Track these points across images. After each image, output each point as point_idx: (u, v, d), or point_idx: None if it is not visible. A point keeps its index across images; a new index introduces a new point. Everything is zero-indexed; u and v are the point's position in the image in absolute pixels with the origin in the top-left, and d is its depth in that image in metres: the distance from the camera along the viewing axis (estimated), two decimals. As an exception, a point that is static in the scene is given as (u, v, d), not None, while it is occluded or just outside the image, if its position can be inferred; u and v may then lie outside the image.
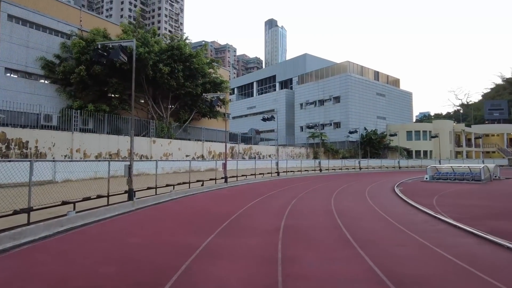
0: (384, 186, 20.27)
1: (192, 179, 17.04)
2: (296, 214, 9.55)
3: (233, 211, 9.95)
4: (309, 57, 67.97)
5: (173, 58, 27.79)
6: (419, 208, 10.72)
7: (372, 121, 58.91)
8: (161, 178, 16.91)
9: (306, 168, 32.48)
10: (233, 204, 11.64)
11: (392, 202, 12.83)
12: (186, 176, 18.28)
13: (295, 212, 9.99)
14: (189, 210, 10.52)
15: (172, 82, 27.85)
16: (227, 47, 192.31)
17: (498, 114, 68.31)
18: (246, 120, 72.17)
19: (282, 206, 11.28)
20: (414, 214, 9.86)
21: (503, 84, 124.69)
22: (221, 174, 19.18)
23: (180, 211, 10.25)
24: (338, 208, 10.86)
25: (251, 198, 13.14)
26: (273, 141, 48.26)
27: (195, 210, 10.52)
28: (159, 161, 18.92)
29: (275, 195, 14.72)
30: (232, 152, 36.03)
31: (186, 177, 17.09)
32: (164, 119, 30.58)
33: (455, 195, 15.27)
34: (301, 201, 12.66)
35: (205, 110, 33.63)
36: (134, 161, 19.92)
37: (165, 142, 28.63)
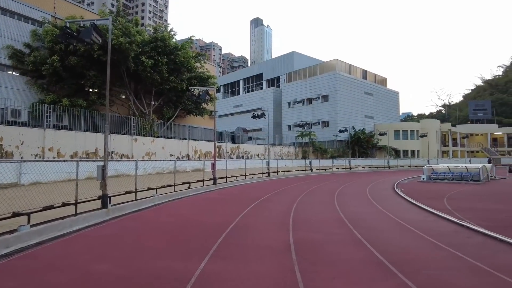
0: (382, 187, 19.13)
1: (178, 181, 15.35)
2: (303, 224, 8.09)
3: (228, 220, 8.40)
4: (296, 55, 66.87)
5: (156, 51, 25.89)
6: (437, 214, 9.45)
7: (360, 120, 58.34)
8: (143, 180, 15.18)
9: (296, 168, 31.17)
10: (226, 211, 10.08)
11: (401, 206, 11.56)
12: (170, 177, 16.61)
13: (301, 221, 8.52)
14: (175, 219, 8.88)
15: (156, 76, 25.96)
16: (212, 45, 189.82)
17: (482, 114, 69.14)
18: (233, 118, 70.47)
19: (283, 213, 9.81)
20: (436, 222, 8.57)
21: (483, 85, 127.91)
22: (209, 175, 17.56)
23: (164, 221, 8.60)
24: (347, 215, 9.47)
25: (245, 203, 11.61)
26: (261, 140, 46.86)
27: (182, 219, 8.89)
28: (140, 161, 17.14)
29: (271, 199, 13.23)
30: (219, 151, 34.37)
31: (170, 179, 15.41)
32: (146, 116, 28.62)
33: (464, 197, 14.19)
34: (302, 206, 11.22)
35: (190, 107, 31.82)
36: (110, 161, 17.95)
37: (148, 141, 26.75)
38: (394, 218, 8.96)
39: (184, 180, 16.31)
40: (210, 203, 12.05)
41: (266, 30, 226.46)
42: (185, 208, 10.83)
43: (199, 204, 11.79)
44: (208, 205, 11.56)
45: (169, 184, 13.75)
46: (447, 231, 7.47)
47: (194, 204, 11.90)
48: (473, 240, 6.66)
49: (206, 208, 10.95)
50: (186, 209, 10.74)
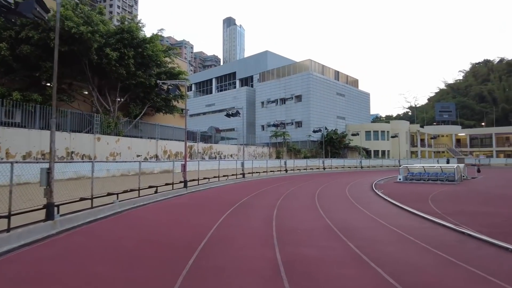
0: (361, 188, 18.53)
1: (144, 184, 13.82)
2: (290, 236, 6.98)
3: (200, 233, 7.12)
4: (270, 54, 66.17)
5: (122, 43, 23.91)
6: (431, 220, 8.70)
7: (333, 121, 58.60)
8: (106, 183, 13.51)
9: (271, 169, 30.22)
10: (199, 221, 8.78)
11: (389, 210, 10.79)
12: (137, 179, 15.03)
13: (286, 231, 7.41)
14: (136, 233, 7.46)
15: (121, 70, 23.99)
16: (183, 43, 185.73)
17: (447, 115, 71.91)
18: (205, 118, 68.60)
19: (265, 221, 8.66)
20: (433, 229, 7.78)
21: (446, 88, 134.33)
22: (179, 177, 16.10)
23: (123, 236, 7.15)
24: (335, 222, 8.49)
25: (220, 210, 10.35)
26: (234, 140, 45.57)
27: (145, 232, 7.49)
28: (99, 162, 15.41)
29: (249, 203, 12.04)
30: (191, 151, 32.75)
31: (136, 181, 13.87)
32: (111, 113, 26.48)
33: (447, 198, 13.74)
34: (284, 212, 10.13)
35: (159, 104, 29.97)
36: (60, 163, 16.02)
37: (112, 140, 24.72)
38: (388, 226, 8.08)
39: (152, 182, 14.76)
40: (179, 210, 10.66)
41: (238, 30, 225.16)
42: (150, 217, 9.39)
43: (167, 212, 10.37)
44: (177, 213, 10.17)
45: (133, 189, 12.18)
46: (451, 241, 6.64)
47: (161, 211, 10.47)
48: (484, 252, 5.85)
49: (174, 216, 9.57)
50: (151, 218, 9.30)
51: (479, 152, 66.41)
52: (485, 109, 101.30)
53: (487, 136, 67.86)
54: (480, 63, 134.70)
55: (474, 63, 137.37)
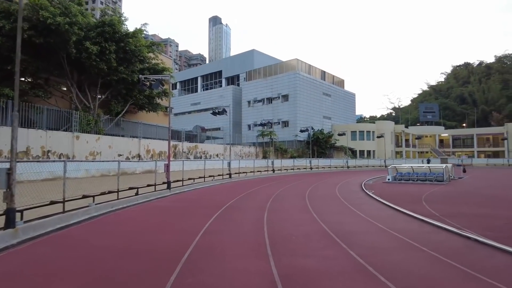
0: (351, 188, 18.10)
1: (126, 185, 12.93)
2: (284, 243, 6.30)
3: (184, 241, 6.36)
4: (257, 53, 65.52)
5: (103, 36, 22.78)
6: (431, 223, 8.20)
7: (319, 121, 58.49)
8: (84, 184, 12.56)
9: (258, 169, 29.55)
10: (182, 226, 8.01)
11: (384, 212, 10.28)
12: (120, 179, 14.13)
13: (280, 238, 6.74)
14: (111, 241, 6.61)
15: (102, 65, 22.85)
16: (168, 41, 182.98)
17: (431, 116, 73.03)
18: (190, 117, 67.37)
19: (255, 225, 7.97)
20: (435, 233, 7.26)
21: (428, 90, 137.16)
22: (162, 177, 15.23)
23: (96, 246, 6.29)
24: (331, 226, 7.88)
25: (206, 213, 9.60)
26: (220, 139, 44.68)
27: (122, 241, 6.66)
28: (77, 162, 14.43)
29: (236, 206, 11.31)
30: (175, 151, 31.74)
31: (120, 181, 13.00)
32: (91, 110, 25.25)
33: (440, 199, 13.38)
34: (275, 215, 9.46)
35: (142, 101, 28.88)
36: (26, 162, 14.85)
37: (92, 138, 23.56)
38: (387, 230, 7.52)
39: (133, 183, 13.88)
40: (162, 214, 9.83)
41: (224, 29, 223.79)
42: (128, 222, 8.54)
43: (147, 216, 9.53)
44: (159, 217, 9.35)
45: (112, 190, 11.28)
46: (459, 248, 6.12)
47: (142, 215, 9.62)
48: (499, 262, 5.34)
49: (156, 221, 8.75)
50: (129, 223, 8.46)
51: (461, 153, 67.70)
52: (466, 110, 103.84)
53: (468, 137, 69.28)
54: (460, 66, 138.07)
55: (455, 66, 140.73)
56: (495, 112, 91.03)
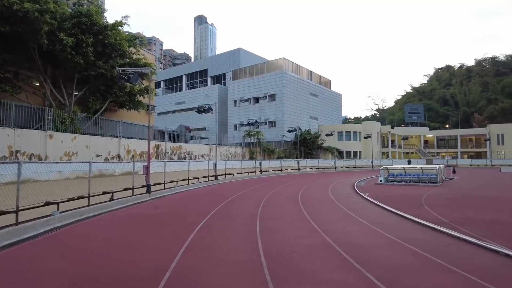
0: (344, 191, 17.19)
1: (104, 187, 11.59)
2: (285, 264, 5.18)
3: (161, 263, 5.16)
4: (243, 52, 64.35)
5: (80, 28, 21.15)
6: (448, 233, 7.26)
7: (306, 121, 57.85)
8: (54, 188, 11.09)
9: (245, 170, 28.39)
10: (161, 240, 6.76)
11: (388, 219, 9.32)
12: (96, 182, 12.76)
13: (279, 256, 5.62)
14: (71, 262, 5.30)
15: (78, 59, 21.19)
16: (153, 40, 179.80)
17: (416, 117, 73.62)
18: (174, 116, 65.59)
19: (248, 239, 6.82)
20: (459, 247, 6.29)
21: (412, 92, 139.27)
22: (143, 180, 13.88)
23: (48, 269, 4.99)
24: (335, 237, 6.81)
25: (189, 222, 8.39)
26: (206, 139, 43.29)
27: (84, 262, 5.36)
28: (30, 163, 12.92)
29: (224, 212, 10.13)
30: (158, 151, 30.21)
31: (96, 184, 11.64)
32: (66, 107, 23.51)
33: (441, 203, 12.55)
34: (269, 224, 8.33)
35: (123, 99, 27.23)
36: None
37: (68, 138, 21.89)
38: (400, 242, 6.51)
39: (110, 187, 12.50)
40: (138, 224, 8.55)
41: (210, 29, 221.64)
42: (96, 235, 7.24)
43: (121, 226, 8.24)
44: (134, 228, 8.07)
45: (82, 196, 9.90)
46: (492, 266, 5.16)
47: (114, 225, 8.32)
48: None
49: (130, 233, 7.48)
50: (97, 236, 7.16)
51: (445, 153, 68.45)
52: (448, 112, 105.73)
53: (452, 138, 70.13)
54: (442, 68, 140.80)
55: (437, 68, 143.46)
56: (477, 114, 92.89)
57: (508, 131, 64.12)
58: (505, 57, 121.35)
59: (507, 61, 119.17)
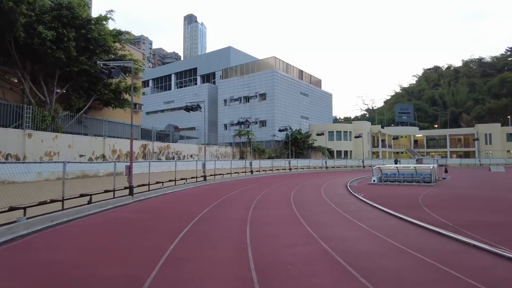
0: (338, 191, 16.59)
1: (85, 189, 10.71)
2: (280, 280, 4.47)
3: (134, 282, 4.40)
4: (233, 50, 63.49)
5: (61, 21, 20.10)
6: (457, 239, 6.65)
7: (297, 121, 57.35)
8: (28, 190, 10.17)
9: (235, 170, 27.62)
10: (137, 251, 5.96)
11: (388, 222, 8.71)
12: (80, 183, 11.90)
13: (273, 269, 4.89)
14: (25, 281, 4.54)
15: (59, 53, 20.12)
16: (142, 39, 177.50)
17: (406, 117, 73.90)
18: (163, 116, 64.34)
19: (237, 248, 6.07)
20: (470, 254, 5.67)
21: (401, 92, 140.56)
22: (124, 181, 13.01)
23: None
24: (334, 245, 6.13)
25: (172, 228, 7.61)
26: (195, 139, 42.33)
27: (41, 282, 4.59)
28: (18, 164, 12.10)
29: (211, 216, 9.36)
30: (145, 151, 29.20)
31: (76, 185, 10.82)
32: (47, 105, 22.38)
33: (440, 204, 12.01)
34: (260, 229, 7.61)
35: (108, 96, 26.16)
36: None
37: (48, 137, 20.79)
38: (406, 250, 5.87)
39: (95, 188, 11.62)
40: (115, 230, 7.72)
41: (200, 28, 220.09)
42: (65, 245, 6.39)
43: (96, 233, 7.40)
44: (110, 235, 7.24)
45: (55, 199, 9.02)
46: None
47: (88, 232, 7.47)
48: None
49: (104, 242, 6.65)
50: (66, 246, 6.31)
51: (435, 153, 68.86)
52: (437, 112, 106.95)
53: (442, 137, 70.63)
54: (431, 69, 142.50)
55: (426, 69, 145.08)
56: (465, 114, 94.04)
57: (495, 131, 64.87)
58: (491, 59, 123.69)
59: (493, 62, 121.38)
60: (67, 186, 11.08)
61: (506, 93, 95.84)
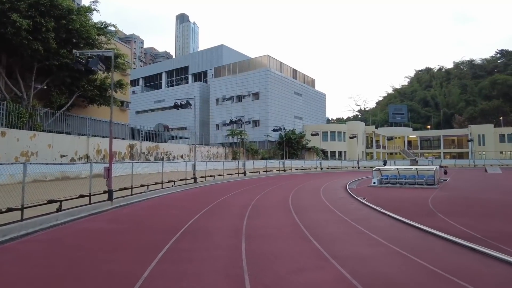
0: (338, 195, 15.38)
1: (66, 193, 9.28)
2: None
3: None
4: (226, 49, 62.05)
5: (38, 10, 18.50)
6: (498, 258, 5.45)
7: (290, 121, 56.19)
8: None
9: (228, 171, 26.26)
10: (104, 278, 4.61)
11: (407, 233, 7.48)
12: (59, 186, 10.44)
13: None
14: None
15: (37, 45, 18.53)
16: (133, 38, 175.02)
17: (400, 118, 73.36)
18: (154, 115, 62.55)
19: (232, 272, 4.76)
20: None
21: (393, 93, 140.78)
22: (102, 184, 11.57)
23: None
24: (354, 270, 4.85)
25: (151, 244, 6.25)
26: (185, 139, 40.81)
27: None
28: None
29: (200, 228, 8.00)
30: (132, 151, 27.61)
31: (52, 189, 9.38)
32: (24, 101, 20.73)
33: (454, 210, 10.86)
34: (259, 246, 6.30)
35: (92, 93, 24.56)
36: None
37: (25, 135, 19.14)
38: (448, 277, 4.63)
39: (71, 192, 10.16)
40: (78, 248, 6.28)
41: (192, 27, 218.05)
42: (7, 271, 5.00)
43: (53, 252, 5.98)
44: (71, 254, 5.82)
45: (13, 208, 7.56)
46: None
47: (45, 251, 6.04)
48: None
49: (60, 266, 5.25)
50: (9, 272, 4.92)
51: (429, 154, 68.44)
52: (429, 113, 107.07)
53: (435, 138, 70.24)
54: (422, 70, 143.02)
55: (417, 70, 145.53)
56: (457, 115, 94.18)
57: (488, 132, 64.70)
58: (481, 61, 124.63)
59: (483, 64, 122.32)
60: (41, 190, 9.67)
61: (496, 94, 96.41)
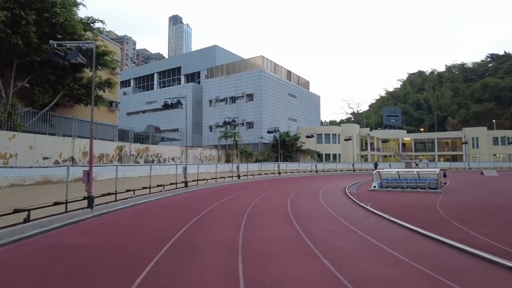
0: (338, 200, 14.43)
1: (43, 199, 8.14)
2: None
3: None
4: (219, 49, 60.99)
5: (17, 1, 17.28)
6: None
7: (285, 123, 55.30)
8: None
9: (221, 174, 25.16)
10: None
11: (429, 248, 6.52)
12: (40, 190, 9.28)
13: None
14: None
15: (16, 39, 17.31)
16: (125, 39, 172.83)
17: (394, 120, 73.03)
18: (145, 116, 61.15)
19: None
20: None
21: (386, 96, 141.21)
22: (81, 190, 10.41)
23: None
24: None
25: (131, 265, 5.18)
26: (177, 141, 39.60)
27: None
28: None
29: (189, 242, 6.92)
30: (121, 153, 26.35)
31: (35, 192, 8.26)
32: (2, 99, 19.43)
33: (470, 218, 9.96)
34: (259, 266, 5.27)
35: (79, 92, 23.33)
36: None
37: (3, 136, 17.88)
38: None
39: (52, 198, 9.02)
40: (43, 269, 5.19)
41: (185, 29, 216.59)
42: None
43: (12, 274, 4.88)
44: (31, 279, 4.74)
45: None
46: None
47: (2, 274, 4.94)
48: None
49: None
50: None
51: (423, 156, 68.13)
52: (422, 115, 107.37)
53: (429, 141, 70.03)
54: (415, 74, 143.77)
55: (410, 73, 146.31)
56: (451, 118, 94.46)
57: (482, 134, 64.65)
58: (473, 64, 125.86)
59: (475, 68, 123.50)
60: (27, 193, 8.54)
61: (488, 97, 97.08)
